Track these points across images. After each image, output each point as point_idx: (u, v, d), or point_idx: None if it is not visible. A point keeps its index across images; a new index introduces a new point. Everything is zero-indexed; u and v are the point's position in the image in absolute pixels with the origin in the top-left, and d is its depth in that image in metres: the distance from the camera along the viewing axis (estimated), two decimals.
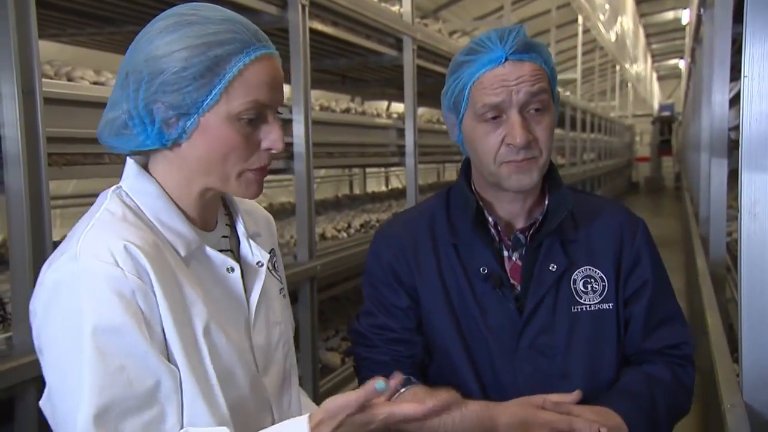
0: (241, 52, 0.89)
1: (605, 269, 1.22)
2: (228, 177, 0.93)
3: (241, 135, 0.91)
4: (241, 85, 0.90)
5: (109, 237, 0.86)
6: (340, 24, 3.38)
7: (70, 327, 0.84)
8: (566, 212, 1.20)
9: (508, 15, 7.31)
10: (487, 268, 1.19)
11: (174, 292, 0.89)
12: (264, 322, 1.02)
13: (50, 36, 3.28)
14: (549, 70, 1.17)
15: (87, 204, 4.04)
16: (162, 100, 0.89)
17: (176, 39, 0.88)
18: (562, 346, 1.18)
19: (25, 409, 1.67)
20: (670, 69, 29.95)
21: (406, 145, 4.14)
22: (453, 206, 1.26)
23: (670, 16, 20.56)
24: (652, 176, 20.90)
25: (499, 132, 1.14)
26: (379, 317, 1.24)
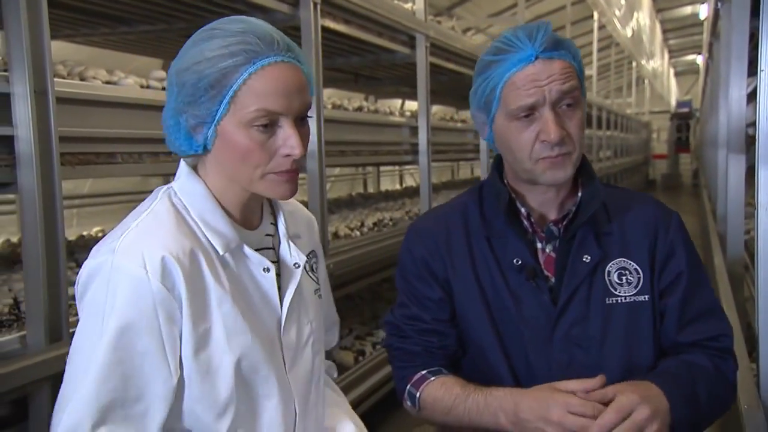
0: (248, 63, 0.94)
1: (640, 261, 1.22)
2: (251, 180, 0.98)
3: (256, 142, 0.96)
4: (247, 95, 0.94)
5: (148, 242, 0.93)
6: (352, 22, 3.37)
7: (93, 313, 0.92)
8: (599, 203, 1.21)
9: (522, 12, 7.26)
10: (520, 259, 1.20)
11: (200, 296, 0.95)
12: (295, 321, 1.07)
13: (65, 36, 3.31)
14: (578, 66, 1.18)
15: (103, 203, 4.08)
16: (187, 110, 0.96)
17: (197, 53, 0.95)
18: (597, 337, 1.18)
19: (39, 408, 1.68)
20: (688, 65, 29.63)
21: (419, 143, 4.13)
22: (486, 200, 1.28)
23: (687, 11, 20.32)
24: (669, 173, 20.70)
25: (532, 129, 1.15)
26: (412, 308, 1.27)
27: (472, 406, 1.13)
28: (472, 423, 1.15)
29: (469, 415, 1.14)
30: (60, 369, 1.67)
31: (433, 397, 1.19)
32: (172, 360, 0.93)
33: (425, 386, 1.20)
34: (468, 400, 1.15)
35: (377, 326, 4.22)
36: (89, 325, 0.92)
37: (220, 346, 0.96)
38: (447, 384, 1.18)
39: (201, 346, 0.95)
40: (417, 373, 1.23)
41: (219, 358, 0.96)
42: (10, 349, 1.67)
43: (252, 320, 0.99)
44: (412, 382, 1.22)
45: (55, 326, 1.70)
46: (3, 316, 1.88)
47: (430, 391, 1.20)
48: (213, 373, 0.96)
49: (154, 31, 3.13)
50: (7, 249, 2.91)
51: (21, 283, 2.16)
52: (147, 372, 0.92)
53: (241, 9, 2.80)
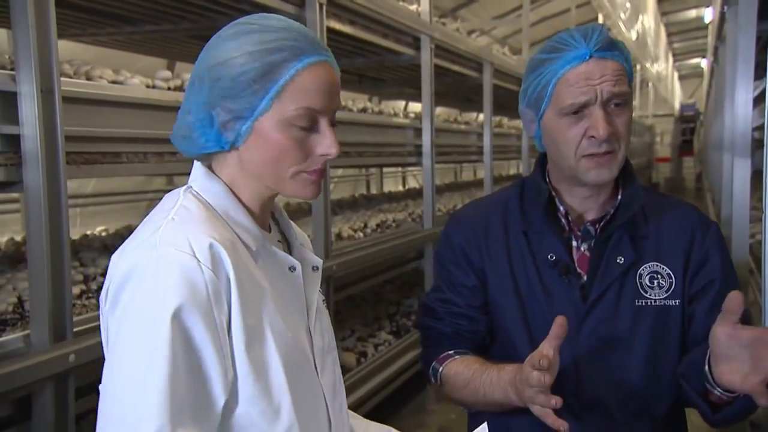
0: (295, 59, 0.91)
1: (673, 266, 1.23)
2: (282, 179, 0.96)
3: (294, 140, 0.93)
4: (293, 92, 0.92)
5: (192, 231, 0.88)
6: (358, 23, 3.37)
7: (140, 312, 0.84)
8: (637, 207, 1.23)
9: (527, 14, 7.26)
10: (555, 255, 1.23)
11: (246, 288, 0.90)
12: (319, 326, 1.05)
13: (71, 36, 3.31)
14: (629, 68, 1.20)
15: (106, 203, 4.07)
16: (221, 105, 0.92)
17: (236, 46, 0.92)
18: (624, 337, 1.19)
19: (43, 408, 1.68)
20: (692, 68, 29.58)
21: (423, 144, 4.13)
22: (527, 196, 1.30)
23: (692, 14, 20.30)
24: (673, 177, 20.66)
25: (581, 125, 1.17)
26: (446, 293, 1.31)
27: (486, 380, 1.17)
28: (486, 397, 1.17)
29: (483, 388, 1.17)
30: (63, 368, 1.68)
31: (454, 371, 1.23)
32: (225, 357, 0.87)
33: (448, 362, 1.25)
34: (484, 374, 1.18)
35: (379, 327, 4.22)
36: (138, 325, 0.83)
37: (268, 342, 0.91)
38: (468, 361, 1.23)
39: (251, 341, 0.89)
40: (444, 352, 1.27)
41: (270, 355, 0.91)
42: (14, 347, 1.67)
43: (288, 320, 0.96)
44: (438, 359, 1.27)
45: (59, 325, 1.70)
46: (7, 314, 1.88)
47: (452, 366, 1.24)
48: (265, 372, 0.90)
49: (159, 31, 3.14)
50: (11, 248, 2.91)
51: (25, 282, 2.16)
52: (208, 365, 0.85)
53: (246, 9, 2.80)
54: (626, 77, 1.19)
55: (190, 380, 0.84)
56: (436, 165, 4.22)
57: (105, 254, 2.71)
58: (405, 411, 3.79)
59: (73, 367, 1.70)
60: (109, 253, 2.74)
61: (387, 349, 3.83)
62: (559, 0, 11.50)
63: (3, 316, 1.87)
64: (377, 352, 3.79)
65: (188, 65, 4.69)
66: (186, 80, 2.40)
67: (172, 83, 2.37)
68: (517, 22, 9.60)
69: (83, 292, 2.13)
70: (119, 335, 0.85)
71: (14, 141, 1.66)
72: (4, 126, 1.65)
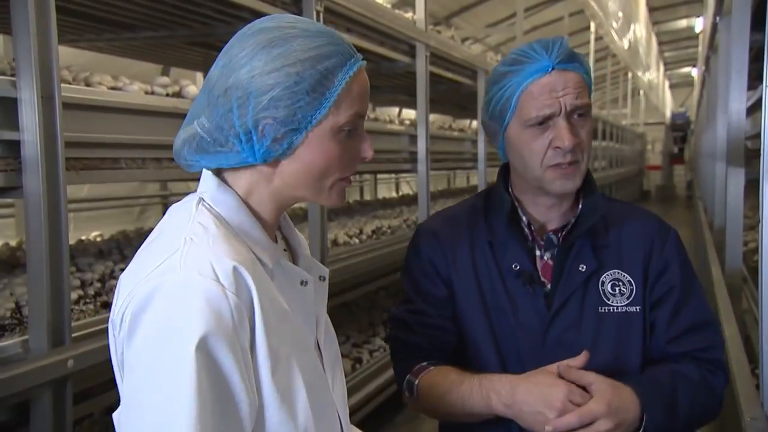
0: (345, 65, 0.89)
1: (633, 274, 1.25)
2: (323, 188, 0.93)
3: (342, 146, 0.92)
4: (347, 97, 0.90)
5: (214, 254, 0.83)
6: (354, 30, 3.39)
7: (162, 342, 0.78)
8: (598, 216, 1.25)
9: (521, 22, 7.30)
10: (519, 265, 1.25)
11: (269, 310, 0.86)
12: (327, 338, 1.02)
13: (68, 41, 3.31)
14: (588, 81, 1.23)
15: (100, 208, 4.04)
16: (273, 116, 0.87)
17: (283, 54, 0.87)
18: (589, 343, 1.21)
19: (41, 413, 1.67)
20: (683, 77, 29.80)
21: (418, 151, 4.14)
22: (491, 206, 1.32)
23: (683, 24, 20.47)
24: (664, 184, 20.78)
25: (546, 136, 1.20)
26: (417, 304, 1.30)
27: (466, 389, 1.16)
28: (464, 408, 1.17)
29: (462, 399, 1.16)
30: (62, 373, 1.68)
31: (430, 383, 1.21)
32: (251, 382, 0.83)
33: (424, 374, 1.23)
34: (463, 384, 1.17)
35: (374, 334, 4.22)
36: (161, 358, 0.78)
37: (292, 365, 0.87)
38: (444, 371, 1.22)
39: (276, 365, 0.85)
40: (418, 364, 1.26)
41: (293, 378, 0.87)
42: (12, 353, 1.67)
43: (302, 337, 0.93)
44: (412, 371, 1.25)
45: (57, 330, 1.69)
46: (5, 320, 1.88)
47: (428, 378, 1.23)
48: (290, 395, 0.86)
49: (157, 38, 3.14)
50: (7, 253, 2.90)
51: (22, 287, 2.15)
52: (237, 396, 0.80)
53: (245, 17, 2.81)
54: (587, 89, 1.22)
55: (218, 413, 0.79)
56: (430, 171, 4.23)
57: (101, 260, 2.70)
58: (399, 418, 3.79)
59: (72, 372, 1.69)
60: (104, 258, 2.74)
61: (382, 355, 3.83)
62: (552, 9, 11.58)
63: (1, 322, 1.86)
64: (372, 358, 3.79)
65: (184, 71, 4.69)
66: (184, 87, 2.41)
67: (171, 89, 2.37)
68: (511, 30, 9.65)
69: (81, 298, 2.13)
70: (140, 367, 0.79)
71: (14, 147, 1.66)
72: (4, 132, 1.65)
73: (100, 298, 2.17)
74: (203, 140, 0.90)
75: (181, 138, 0.94)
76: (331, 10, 2.95)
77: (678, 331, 1.24)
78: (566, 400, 1.07)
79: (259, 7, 2.60)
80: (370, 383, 3.53)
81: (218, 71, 0.90)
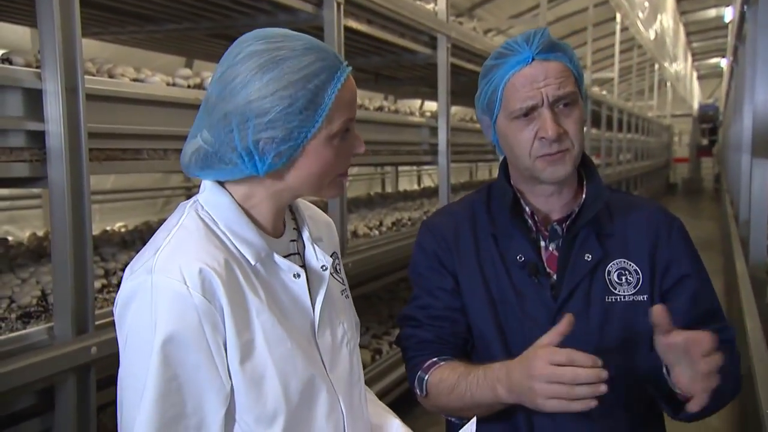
0: (332, 78, 0.96)
1: (640, 263, 1.24)
2: (322, 186, 1.02)
3: (337, 150, 1.00)
4: (337, 108, 0.97)
5: (183, 256, 0.94)
6: (375, 22, 3.39)
7: (138, 335, 0.92)
8: (601, 204, 1.25)
9: (544, 13, 7.22)
10: (523, 256, 1.24)
11: (240, 306, 0.96)
12: (328, 324, 1.08)
13: (93, 34, 3.36)
14: (574, 68, 1.22)
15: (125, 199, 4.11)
16: (271, 136, 0.95)
17: (274, 78, 0.94)
18: (596, 333, 1.20)
19: (65, 398, 1.71)
20: (711, 68, 29.26)
21: (438, 143, 4.13)
22: (493, 199, 1.32)
23: (712, 13, 20.08)
24: (691, 177, 20.49)
25: (531, 128, 1.20)
26: (424, 299, 1.30)
27: (473, 381, 1.16)
28: (474, 400, 1.16)
29: (470, 390, 1.16)
30: (85, 360, 1.72)
31: (439, 378, 1.21)
32: (222, 370, 0.94)
33: (434, 370, 1.23)
34: (469, 376, 1.17)
35: (394, 325, 4.24)
36: (137, 347, 0.92)
37: (263, 355, 0.96)
38: (453, 365, 1.22)
39: (245, 356, 0.95)
40: (428, 360, 1.25)
41: (263, 367, 0.96)
42: (38, 339, 1.71)
43: (288, 327, 1.00)
44: (422, 368, 1.25)
45: (81, 318, 1.73)
46: (31, 307, 1.92)
47: (437, 373, 1.22)
48: (258, 382, 0.96)
49: (180, 30, 3.18)
50: (34, 242, 2.96)
51: (48, 275, 2.20)
52: (201, 385, 0.93)
53: (266, 9, 2.83)
54: (572, 77, 1.20)
55: (182, 399, 0.92)
56: (451, 164, 4.22)
57: (124, 250, 2.75)
58: (418, 409, 3.79)
59: (95, 359, 1.73)
60: (128, 249, 2.79)
61: None
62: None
63: (27, 309, 1.90)
64: (392, 349, 3.81)
65: (206, 63, 4.73)
66: (206, 78, 2.43)
67: (192, 81, 2.40)
68: (534, 22, 9.56)
69: (104, 287, 2.17)
70: (124, 352, 0.95)
71: (39, 137, 1.70)
72: (30, 123, 1.69)
73: None
74: (207, 157, 0.99)
75: (188, 153, 1.01)
76: (353, 2, 2.95)
77: (697, 317, 1.22)
78: (547, 364, 1.03)
79: (282, 0, 2.62)
80: (390, 374, 3.55)
81: (215, 95, 0.97)
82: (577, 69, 1.22)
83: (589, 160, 1.29)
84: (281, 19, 2.83)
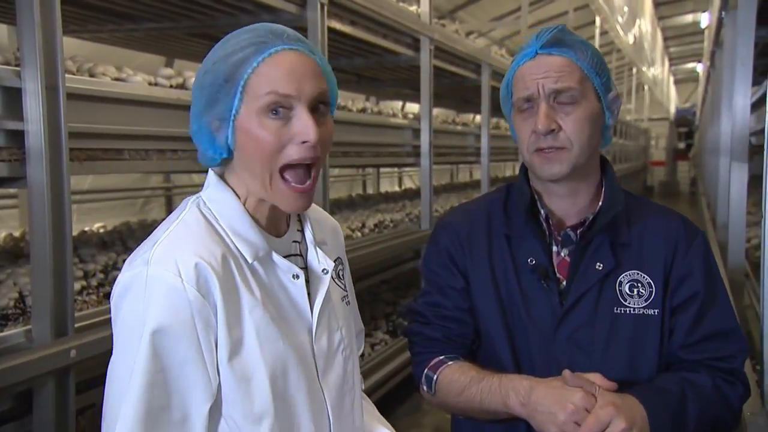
0: (258, 53, 0.95)
1: (654, 275, 1.22)
2: (270, 177, 0.97)
3: (270, 129, 0.95)
4: (259, 80, 0.95)
5: (180, 250, 0.94)
6: (359, 23, 3.38)
7: (131, 325, 0.92)
8: (615, 212, 1.22)
9: (525, 16, 7.28)
10: (534, 259, 1.23)
11: (234, 302, 0.95)
12: (326, 328, 1.07)
13: (71, 32, 3.31)
14: (585, 65, 1.20)
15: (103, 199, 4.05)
16: (207, 112, 0.98)
17: (210, 57, 0.98)
18: (601, 343, 1.19)
19: (44, 402, 1.68)
20: (688, 72, 29.70)
21: (421, 145, 4.14)
22: (511, 199, 1.31)
23: (688, 19, 20.38)
24: (667, 180, 20.74)
25: (530, 121, 1.20)
26: (435, 296, 1.30)
27: (485, 386, 1.16)
28: (482, 405, 1.16)
29: (481, 395, 1.16)
30: (65, 363, 1.69)
31: (449, 379, 1.21)
32: (210, 366, 0.93)
33: (443, 369, 1.22)
34: (483, 381, 1.17)
35: (376, 327, 4.23)
36: (128, 337, 0.92)
37: (253, 353, 0.96)
38: (463, 367, 1.21)
39: (235, 352, 0.95)
40: (435, 358, 1.25)
41: (253, 365, 0.96)
42: (16, 342, 1.68)
43: (283, 328, 0.99)
44: (430, 365, 1.25)
45: (60, 321, 1.70)
46: (9, 309, 1.89)
47: (447, 374, 1.22)
48: (247, 380, 0.96)
49: (160, 29, 3.14)
50: (10, 243, 2.91)
51: (25, 277, 2.16)
52: (188, 379, 0.92)
53: (248, 8, 2.81)
54: (577, 73, 1.18)
55: (168, 392, 0.91)
56: (433, 166, 4.23)
57: (103, 251, 2.71)
58: (400, 410, 3.80)
59: (74, 362, 1.70)
60: (107, 250, 2.75)
61: (383, 348, 3.84)
62: (557, 3, 11.54)
63: (4, 311, 1.87)
64: (374, 351, 3.80)
65: (187, 63, 4.69)
66: (188, 78, 2.41)
67: (175, 81, 2.38)
68: (515, 24, 9.62)
69: (84, 288, 2.14)
70: (116, 342, 0.95)
71: (18, 137, 1.66)
72: (8, 122, 1.65)
73: (102, 289, 2.18)
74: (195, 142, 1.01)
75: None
76: (336, 3, 2.94)
77: (697, 337, 1.20)
78: (580, 404, 1.05)
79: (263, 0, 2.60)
80: (372, 376, 3.54)
81: None
82: (591, 67, 1.20)
83: (609, 165, 1.27)
84: (264, 20, 2.80)
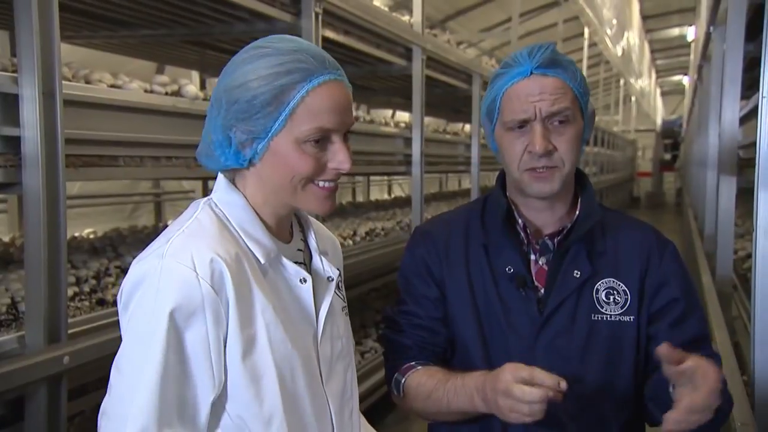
0: (304, 80, 0.96)
1: (629, 284, 1.25)
2: (295, 191, 1.00)
3: (308, 156, 0.98)
4: (304, 112, 0.96)
5: (196, 245, 0.94)
6: (352, 33, 3.40)
7: (143, 318, 0.92)
8: (593, 222, 1.25)
9: (516, 27, 7.33)
10: (512, 268, 1.24)
11: (247, 300, 0.96)
12: (329, 335, 1.08)
13: (65, 38, 3.30)
14: (575, 87, 1.22)
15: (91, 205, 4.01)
16: (238, 126, 0.97)
17: (250, 70, 0.97)
18: (579, 350, 1.21)
19: (36, 409, 1.67)
20: (674, 85, 30.02)
21: (412, 154, 4.16)
22: (488, 209, 1.32)
23: (675, 32, 20.62)
24: (654, 191, 20.92)
25: (523, 140, 1.21)
26: (408, 305, 1.31)
27: (451, 388, 1.16)
28: (450, 406, 1.17)
29: (447, 396, 1.16)
30: (57, 370, 1.68)
31: (417, 382, 1.22)
32: (216, 364, 0.93)
33: (411, 373, 1.24)
34: (447, 383, 1.18)
35: (366, 335, 4.23)
36: (140, 329, 0.92)
37: (264, 353, 0.96)
38: (431, 371, 1.22)
39: (247, 350, 0.95)
40: (406, 363, 1.26)
41: (263, 365, 0.96)
42: (9, 348, 1.67)
43: (291, 331, 1.00)
44: (399, 370, 1.26)
45: (54, 327, 1.70)
46: (1, 315, 1.87)
47: (414, 377, 1.23)
48: (257, 379, 0.96)
49: (155, 36, 3.14)
50: (0, 248, 2.89)
51: (17, 283, 2.15)
52: (198, 369, 0.93)
53: (244, 17, 2.82)
54: (569, 95, 1.20)
55: (180, 382, 0.91)
56: (424, 174, 4.25)
57: (95, 257, 2.70)
58: (389, 419, 3.80)
59: (67, 369, 1.70)
60: (98, 256, 2.74)
61: (373, 356, 3.84)
62: (547, 14, 11.64)
63: None
64: (363, 359, 3.80)
65: (180, 70, 4.68)
66: (183, 86, 2.41)
67: (170, 88, 2.38)
68: (506, 35, 9.69)
69: (76, 294, 2.13)
70: (127, 333, 0.94)
71: (14, 143, 1.66)
72: (5, 128, 1.65)
73: (95, 295, 2.17)
74: (205, 145, 1.03)
75: (201, 141, 1.05)
76: (330, 12, 2.96)
77: (677, 343, 1.17)
78: (512, 380, 1.04)
79: (257, 7, 2.61)
80: (361, 384, 3.52)
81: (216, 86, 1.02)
82: (580, 88, 1.22)
83: (586, 177, 1.30)
84: (259, 28, 2.83)
